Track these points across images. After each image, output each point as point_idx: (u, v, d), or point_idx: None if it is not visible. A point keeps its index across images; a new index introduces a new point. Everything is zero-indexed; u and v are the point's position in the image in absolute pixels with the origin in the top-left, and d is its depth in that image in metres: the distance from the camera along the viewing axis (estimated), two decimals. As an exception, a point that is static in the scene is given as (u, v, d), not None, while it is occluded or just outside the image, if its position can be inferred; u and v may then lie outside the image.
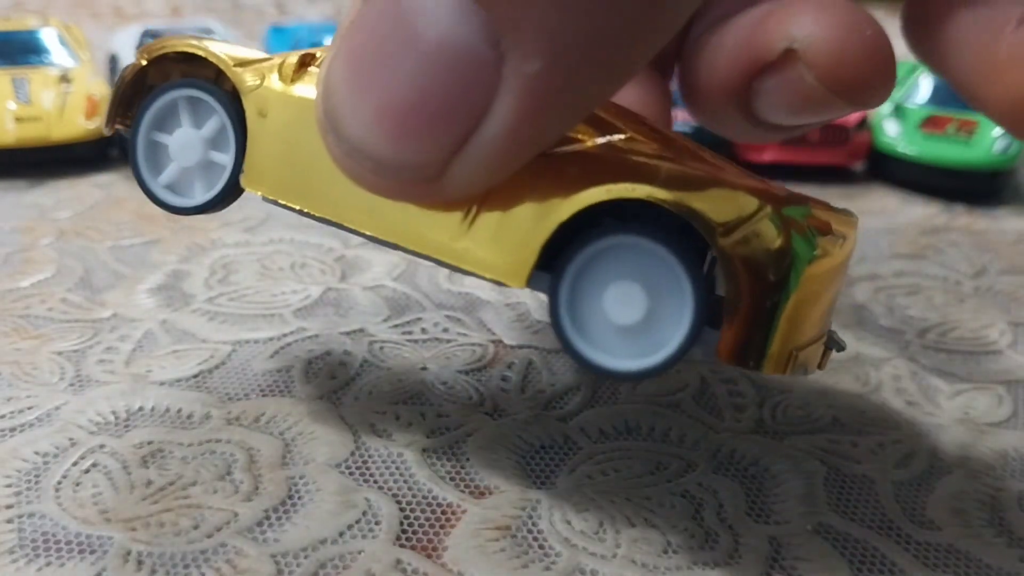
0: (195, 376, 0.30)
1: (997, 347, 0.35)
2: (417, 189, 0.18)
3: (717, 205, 0.19)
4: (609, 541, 0.24)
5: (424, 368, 0.31)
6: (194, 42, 0.25)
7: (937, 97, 0.54)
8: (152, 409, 0.28)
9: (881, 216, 0.48)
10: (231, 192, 0.24)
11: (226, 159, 0.24)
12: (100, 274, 0.37)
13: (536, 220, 0.20)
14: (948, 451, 0.28)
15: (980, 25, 0.21)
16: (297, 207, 0.23)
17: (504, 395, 0.30)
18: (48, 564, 0.22)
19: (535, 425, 0.28)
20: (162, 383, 0.29)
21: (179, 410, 0.28)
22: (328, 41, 0.58)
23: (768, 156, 0.52)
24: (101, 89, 0.49)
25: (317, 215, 0.23)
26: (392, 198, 0.19)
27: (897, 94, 0.55)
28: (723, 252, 0.19)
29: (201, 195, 0.25)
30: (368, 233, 0.22)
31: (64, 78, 0.49)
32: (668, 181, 0.19)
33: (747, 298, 0.19)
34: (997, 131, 0.51)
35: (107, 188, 0.45)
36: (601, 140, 0.20)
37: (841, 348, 0.23)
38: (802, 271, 0.19)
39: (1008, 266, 0.43)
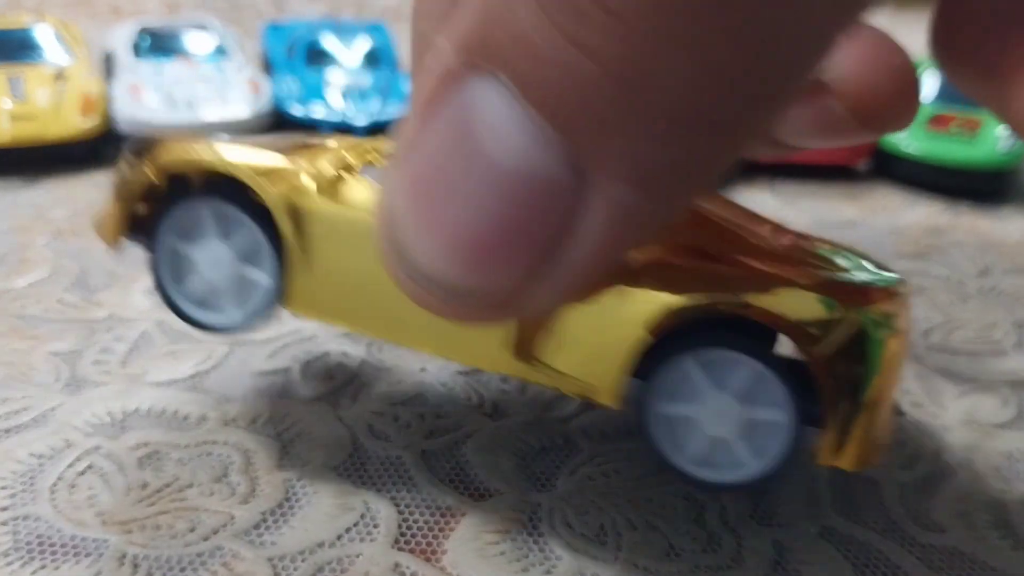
0: (191, 377, 0.29)
1: (1002, 347, 0.35)
2: (491, 314, 0.17)
3: (805, 313, 0.19)
4: (611, 544, 0.23)
5: (423, 369, 0.31)
6: (209, 155, 0.22)
7: (942, 95, 0.53)
8: (148, 410, 0.28)
9: (885, 215, 0.48)
10: (271, 308, 0.23)
11: (262, 276, 0.23)
12: (96, 274, 0.36)
13: (619, 336, 0.20)
14: (953, 453, 0.28)
15: None
16: (351, 329, 0.23)
17: (504, 396, 0.29)
18: (43, 567, 0.22)
19: (535, 427, 0.28)
20: (158, 384, 0.29)
21: (175, 411, 0.28)
22: (328, 43, 0.57)
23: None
24: (97, 87, 0.49)
25: (375, 336, 0.23)
26: (463, 323, 0.18)
27: (899, 92, 0.54)
28: (817, 361, 0.19)
29: (235, 312, 0.23)
30: (437, 355, 0.22)
31: (60, 76, 0.48)
32: (753, 288, 0.20)
33: (844, 404, 0.20)
34: (1001, 130, 0.50)
35: (103, 187, 0.45)
36: (678, 246, 0.21)
37: (901, 413, 0.24)
38: (884, 366, 0.20)
39: (1012, 266, 0.42)
